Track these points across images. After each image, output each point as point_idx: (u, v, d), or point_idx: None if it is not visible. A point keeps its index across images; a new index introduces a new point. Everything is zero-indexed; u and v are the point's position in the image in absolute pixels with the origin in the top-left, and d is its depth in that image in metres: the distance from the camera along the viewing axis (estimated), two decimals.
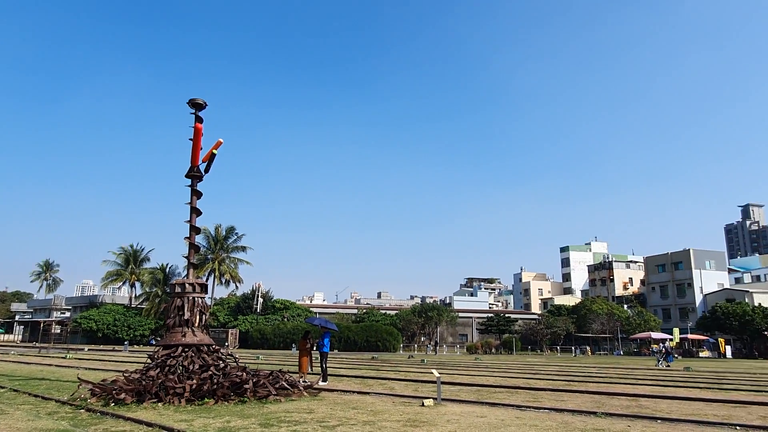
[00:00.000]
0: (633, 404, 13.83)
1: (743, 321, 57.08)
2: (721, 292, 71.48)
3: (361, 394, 15.02)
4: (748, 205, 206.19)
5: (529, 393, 16.08)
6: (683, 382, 21.38)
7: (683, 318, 72.94)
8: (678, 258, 78.63)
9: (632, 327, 66.21)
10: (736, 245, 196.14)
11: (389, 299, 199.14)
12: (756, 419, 11.14)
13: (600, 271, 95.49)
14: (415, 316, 69.92)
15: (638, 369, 31.65)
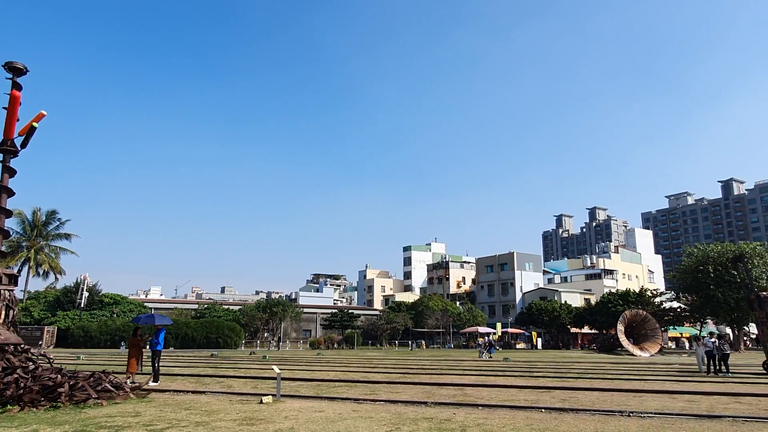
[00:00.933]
0: (459, 393, 15.03)
1: (552, 316, 65.16)
2: (536, 291, 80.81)
3: (196, 394, 14.33)
4: (561, 215, 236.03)
5: (367, 386, 16.65)
6: (502, 371, 23.72)
7: (505, 314, 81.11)
8: (504, 260, 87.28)
9: (463, 322, 71.89)
10: (551, 250, 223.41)
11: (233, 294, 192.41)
12: (558, 402, 12.77)
13: (438, 270, 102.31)
14: (259, 311, 68.50)
15: (465, 360, 34.46)
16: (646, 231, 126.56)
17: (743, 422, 9.96)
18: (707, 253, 51.95)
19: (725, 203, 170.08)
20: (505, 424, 9.58)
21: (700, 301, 51.81)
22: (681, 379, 20.17)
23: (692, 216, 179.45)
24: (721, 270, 48.36)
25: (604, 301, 61.91)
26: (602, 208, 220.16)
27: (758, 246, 51.82)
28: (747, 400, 13.32)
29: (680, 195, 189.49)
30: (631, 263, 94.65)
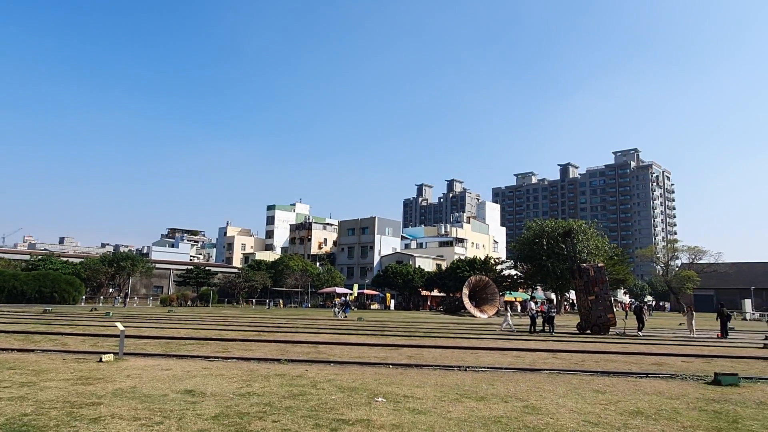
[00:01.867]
0: (313, 350, 15.39)
1: (406, 279, 68.77)
2: (393, 255, 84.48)
3: (23, 352, 13.03)
4: (422, 184, 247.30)
5: (220, 344, 16.36)
6: (355, 330, 24.66)
7: (363, 276, 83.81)
8: (365, 224, 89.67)
9: (322, 282, 72.98)
10: (410, 217, 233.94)
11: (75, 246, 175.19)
12: (404, 359, 13.65)
13: (300, 230, 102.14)
14: (104, 265, 63.15)
15: (321, 320, 35.21)
16: (495, 204, 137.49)
17: (557, 374, 11.50)
18: (543, 227, 58.01)
19: (562, 185, 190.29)
20: (354, 379, 10.05)
21: (533, 270, 57.99)
22: (512, 337, 22.58)
23: (534, 194, 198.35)
24: (552, 243, 54.34)
25: (454, 267, 66.52)
26: (459, 180, 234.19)
27: (583, 224, 59.00)
28: (562, 355, 15.35)
29: (526, 174, 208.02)
30: (480, 233, 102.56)
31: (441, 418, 6.91)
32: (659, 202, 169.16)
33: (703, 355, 16.06)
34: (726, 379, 10.35)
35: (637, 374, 11.65)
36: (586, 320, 26.11)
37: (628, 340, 22.56)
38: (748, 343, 21.71)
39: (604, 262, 49.56)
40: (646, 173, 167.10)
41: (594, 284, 26.36)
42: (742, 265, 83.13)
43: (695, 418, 7.39)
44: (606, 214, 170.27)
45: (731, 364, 13.93)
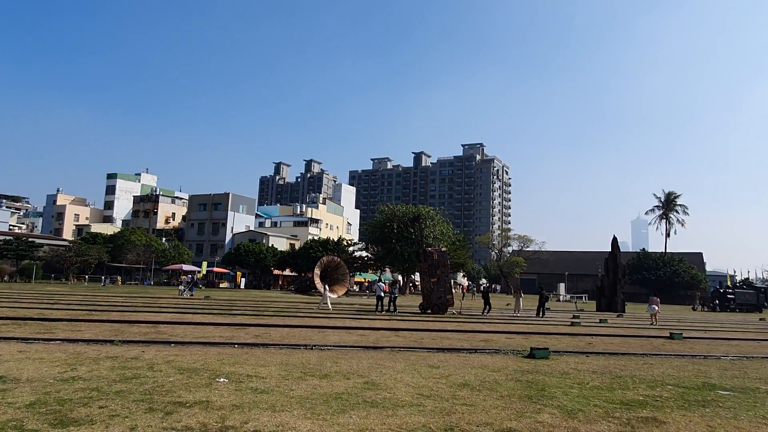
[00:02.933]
0: (152, 331, 14.51)
1: (258, 258, 67.41)
2: (246, 233, 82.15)
3: None
4: (280, 163, 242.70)
5: (42, 324, 14.71)
6: (201, 309, 23.70)
7: (213, 253, 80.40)
8: (218, 200, 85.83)
9: (167, 259, 68.62)
10: (267, 195, 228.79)
11: None
12: (251, 338, 13.47)
13: (146, 203, 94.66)
14: None
15: (165, 298, 33.23)
16: (351, 187, 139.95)
17: (398, 351, 12.19)
18: (394, 212, 60.48)
19: (415, 172, 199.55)
20: (196, 360, 9.71)
21: (383, 252, 60.33)
22: (358, 317, 23.37)
23: (389, 179, 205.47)
24: (402, 227, 56.93)
25: (307, 247, 66.66)
26: (318, 161, 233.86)
27: (431, 210, 62.62)
28: (404, 334, 16.26)
29: (383, 159, 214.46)
30: (335, 215, 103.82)
31: (283, 397, 6.99)
32: (498, 194, 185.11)
33: (524, 332, 18.10)
34: (539, 353, 11.80)
35: (467, 350, 12.79)
36: (428, 300, 27.86)
37: (463, 318, 24.60)
38: (560, 321, 24.87)
39: (448, 247, 53.10)
40: (489, 167, 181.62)
41: (437, 267, 28.17)
42: (560, 254, 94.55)
43: (512, 387, 8.35)
44: (452, 203, 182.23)
45: (545, 340, 15.88)
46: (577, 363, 11.32)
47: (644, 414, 6.92)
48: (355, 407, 6.55)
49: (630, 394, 8.24)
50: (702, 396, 8.32)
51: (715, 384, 9.43)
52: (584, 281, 79.04)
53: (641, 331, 20.44)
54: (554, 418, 6.50)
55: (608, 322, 25.72)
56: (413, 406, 6.74)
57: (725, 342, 17.59)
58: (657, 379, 9.65)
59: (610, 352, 13.31)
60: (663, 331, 20.11)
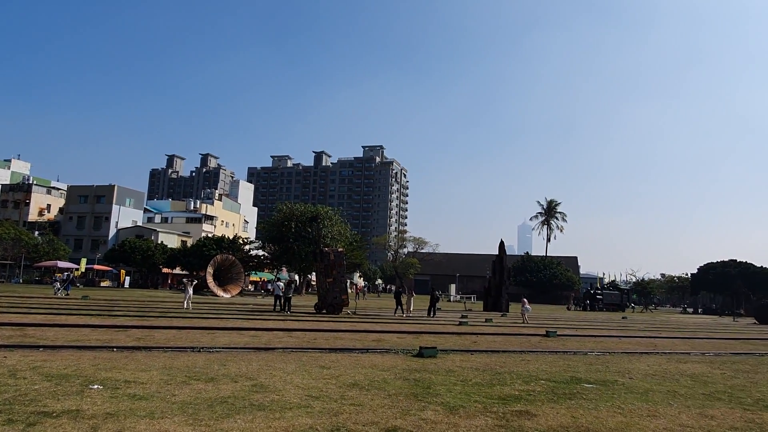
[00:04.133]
0: (17, 334, 13.21)
1: (146, 255, 63.48)
2: (133, 228, 77.01)
3: None
4: (174, 155, 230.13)
5: None
6: (78, 310, 21.91)
7: (94, 249, 74.45)
8: (102, 192, 79.64)
9: (40, 255, 62.59)
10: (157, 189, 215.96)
11: None
12: (132, 341, 12.68)
13: (16, 192, 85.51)
14: None
15: (35, 297, 30.31)
16: (249, 184, 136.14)
17: (290, 352, 12.08)
18: (293, 211, 59.74)
19: (315, 171, 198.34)
20: (67, 366, 8.99)
21: (280, 251, 59.37)
22: (252, 317, 22.83)
23: (288, 177, 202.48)
24: (300, 226, 56.38)
25: (200, 245, 63.86)
26: (215, 156, 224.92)
27: (330, 210, 62.62)
28: (297, 334, 16.14)
29: (282, 157, 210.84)
30: (231, 212, 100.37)
31: (164, 403, 6.68)
32: (396, 196, 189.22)
33: (415, 332, 18.67)
34: (427, 352, 12.25)
35: (359, 350, 12.97)
36: (323, 301, 27.84)
37: (358, 318, 24.88)
38: (449, 321, 25.94)
39: (345, 248, 53.42)
40: (388, 169, 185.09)
41: (333, 267, 28.24)
42: (452, 256, 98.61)
43: (399, 386, 8.60)
44: (351, 203, 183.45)
45: (434, 339, 16.50)
46: (462, 361, 11.90)
47: (518, 408, 7.45)
48: (241, 411, 6.43)
49: (507, 389, 8.81)
50: (569, 389, 9.10)
51: (581, 378, 10.35)
52: (474, 282, 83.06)
53: (522, 330, 21.88)
54: (437, 414, 6.81)
55: (493, 321, 27.25)
56: (301, 408, 6.74)
57: (592, 339, 19.33)
58: (532, 375, 10.40)
59: (493, 350, 14.13)
60: (540, 329, 21.67)
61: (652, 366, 12.54)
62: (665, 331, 26.34)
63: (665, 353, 15.46)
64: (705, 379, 10.94)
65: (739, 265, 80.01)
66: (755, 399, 9.09)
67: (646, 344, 18.13)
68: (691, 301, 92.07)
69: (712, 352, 16.46)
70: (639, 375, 11.05)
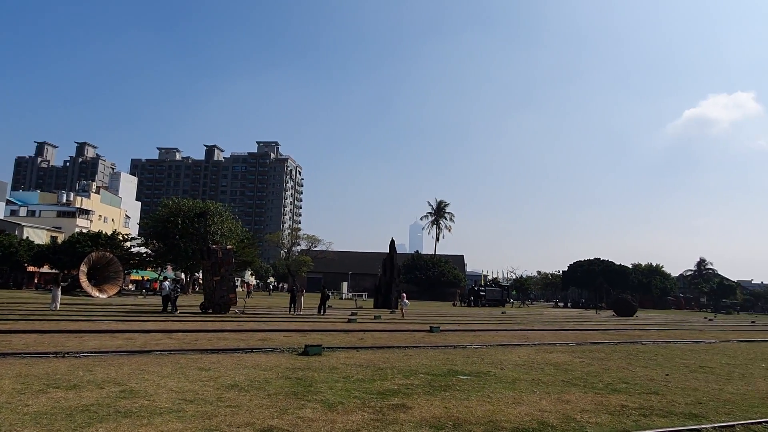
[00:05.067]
0: None
1: (8, 252, 57.18)
2: None
3: None
4: (44, 143, 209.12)
5: None
6: None
7: None
8: None
9: None
10: (24, 179, 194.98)
11: None
12: None
13: None
14: None
15: None
16: (132, 177, 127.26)
17: (168, 354, 11.53)
18: (180, 206, 56.74)
19: (206, 165, 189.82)
20: None
21: (165, 249, 56.17)
22: (129, 318, 21.42)
23: (177, 171, 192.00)
24: (188, 223, 53.75)
25: (73, 241, 58.64)
26: (93, 145, 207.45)
27: (220, 206, 60.31)
28: (177, 335, 15.42)
29: (170, 149, 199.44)
30: (111, 206, 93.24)
31: (14, 414, 6.10)
32: (290, 193, 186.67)
33: (303, 330, 18.59)
34: (312, 350, 12.27)
35: (243, 350, 12.68)
36: (209, 300, 26.82)
37: (246, 317, 24.27)
38: (339, 319, 26.11)
39: (236, 245, 51.82)
40: (283, 166, 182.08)
41: (221, 265, 27.31)
42: (345, 254, 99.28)
43: (281, 385, 8.54)
44: (244, 199, 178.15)
45: (321, 337, 16.53)
46: (346, 358, 12.05)
47: (395, 401, 7.71)
48: (105, 419, 6.04)
49: (387, 384, 9.08)
50: (446, 382, 9.56)
51: (458, 370, 10.91)
52: (366, 280, 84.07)
53: (408, 326, 22.57)
54: (315, 412, 6.86)
55: (381, 318, 27.84)
56: (172, 413, 6.47)
57: (472, 333, 20.41)
58: (412, 369, 10.79)
59: (378, 346, 14.45)
60: (425, 325, 22.50)
61: (522, 357, 13.53)
62: (537, 324, 28.47)
63: (535, 344, 16.74)
64: (566, 367, 12.00)
65: (602, 263, 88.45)
66: (605, 383, 10.14)
67: (519, 337, 19.50)
68: (562, 296, 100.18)
69: (575, 342, 18.09)
70: (510, 366, 11.87)
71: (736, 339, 23.56)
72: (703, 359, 14.92)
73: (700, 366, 13.38)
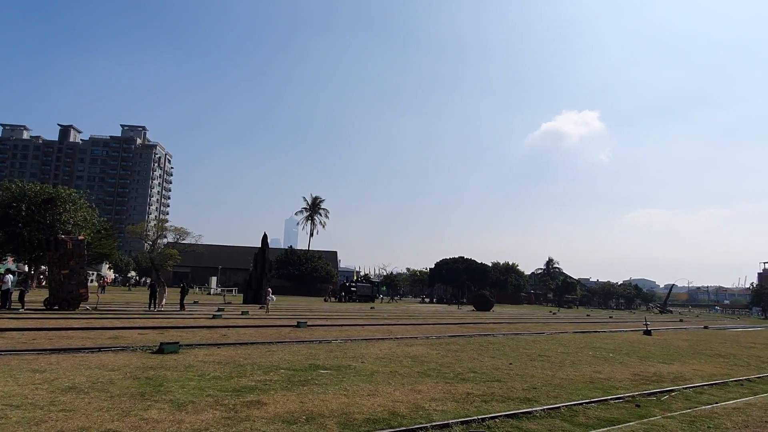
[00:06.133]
0: None
1: None
2: None
3: None
4: None
5: None
6: None
7: None
8: None
9: None
10: None
11: None
12: None
13: None
14: None
15: None
16: None
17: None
18: (24, 191, 50.65)
19: (60, 147, 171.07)
20: None
21: (5, 238, 49.84)
22: None
23: (24, 151, 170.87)
24: (33, 210, 48.22)
25: None
26: None
27: (73, 193, 54.76)
28: (12, 335, 13.81)
29: (17, 127, 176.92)
30: None
31: None
32: (158, 182, 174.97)
33: (162, 327, 17.57)
34: (168, 348, 11.68)
35: (89, 349, 11.71)
36: (55, 295, 24.34)
37: (98, 314, 22.39)
38: (204, 315, 25.07)
39: (92, 236, 47.56)
40: (150, 152, 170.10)
41: (71, 258, 24.89)
42: (216, 247, 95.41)
43: (127, 386, 8.03)
44: (104, 186, 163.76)
45: (181, 334, 15.77)
46: (205, 355, 11.64)
47: (250, 398, 7.62)
48: None
49: (245, 380, 8.93)
50: (305, 376, 9.63)
51: (320, 365, 11.04)
52: (237, 275, 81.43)
53: (276, 322, 22.29)
54: (162, 413, 6.55)
55: (249, 313, 27.19)
56: None
57: (339, 328, 20.71)
58: (273, 365, 10.71)
59: (242, 342, 14.12)
60: (293, 320, 22.38)
61: (383, 350, 14.01)
62: (403, 319, 29.61)
63: (398, 338, 17.41)
64: (423, 360, 12.65)
65: (465, 261, 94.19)
66: (456, 373, 10.86)
67: (384, 331, 20.15)
68: (428, 292, 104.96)
69: (435, 335, 19.11)
70: (371, 359, 12.25)
71: (573, 330, 26.44)
72: (543, 349, 16.55)
73: (540, 355, 14.84)
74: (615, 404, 8.60)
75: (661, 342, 22.09)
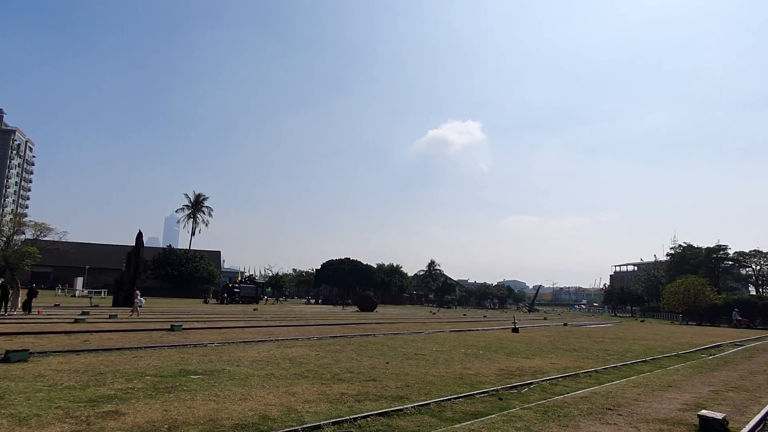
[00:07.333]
0: None
1: None
2: None
3: None
4: None
5: None
6: None
7: None
8: None
9: None
10: None
11: None
12: None
13: None
14: None
15: None
16: None
17: None
18: None
19: None
20: None
21: None
22: None
23: None
24: None
25: None
26: None
27: None
28: None
29: None
30: None
31: None
32: (16, 172, 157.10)
33: (11, 333, 15.79)
34: (15, 356, 10.52)
35: None
36: None
37: None
38: (65, 319, 22.88)
39: None
40: (8, 139, 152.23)
41: None
42: (84, 245, 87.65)
43: None
44: None
45: (34, 340, 14.29)
46: (60, 363, 10.64)
47: (108, 408, 7.07)
48: None
49: (103, 390, 8.27)
50: (174, 382, 9.13)
51: (191, 370, 10.53)
52: (107, 275, 75.23)
53: (147, 325, 20.92)
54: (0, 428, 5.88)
55: (118, 317, 25.27)
56: None
57: (217, 330, 19.93)
58: (139, 372, 10.04)
59: (104, 348, 13.08)
60: (167, 323, 21.15)
61: (261, 353, 13.70)
62: (286, 320, 29.18)
63: (278, 340, 17.11)
64: (301, 361, 12.55)
65: (351, 262, 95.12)
66: (333, 374, 10.90)
67: (264, 333, 19.72)
68: (314, 293, 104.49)
69: (316, 336, 19.05)
70: (247, 362, 11.92)
71: (450, 329, 27.70)
72: (420, 347, 17.16)
73: (416, 353, 15.36)
74: (480, 398, 9.12)
75: (526, 338, 23.84)
